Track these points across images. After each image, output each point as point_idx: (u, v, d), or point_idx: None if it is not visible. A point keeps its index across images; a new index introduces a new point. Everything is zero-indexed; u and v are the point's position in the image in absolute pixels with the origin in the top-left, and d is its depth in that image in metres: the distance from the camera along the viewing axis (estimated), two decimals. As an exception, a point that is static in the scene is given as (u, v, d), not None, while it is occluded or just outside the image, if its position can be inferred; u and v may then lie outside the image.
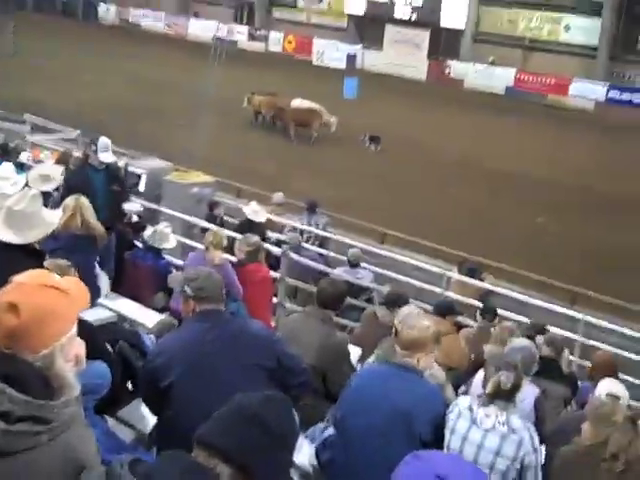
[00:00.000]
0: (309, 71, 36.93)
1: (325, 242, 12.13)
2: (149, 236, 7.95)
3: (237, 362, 3.88)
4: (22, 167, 10.00)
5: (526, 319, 8.55)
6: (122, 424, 4.25)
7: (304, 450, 4.23)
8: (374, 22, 40.16)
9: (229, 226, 10.71)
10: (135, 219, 9.35)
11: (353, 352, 5.61)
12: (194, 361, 3.88)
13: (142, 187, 11.96)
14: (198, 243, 8.98)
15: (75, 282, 2.33)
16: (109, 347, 4.29)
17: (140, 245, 8.25)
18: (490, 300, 9.37)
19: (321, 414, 4.71)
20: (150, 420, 4.22)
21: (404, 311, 5.63)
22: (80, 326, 2.25)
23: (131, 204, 8.75)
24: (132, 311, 6.20)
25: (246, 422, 2.17)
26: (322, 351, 5.05)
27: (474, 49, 38.14)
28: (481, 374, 4.92)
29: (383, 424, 4.01)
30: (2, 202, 4.11)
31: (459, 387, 5.80)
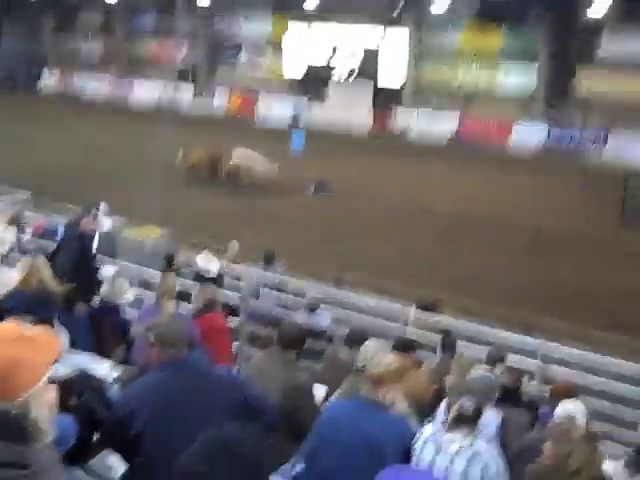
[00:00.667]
0: (254, 129, 37.13)
1: (282, 288, 12.18)
2: (106, 292, 7.91)
3: (204, 406, 3.90)
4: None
5: (485, 348, 8.66)
6: (90, 474, 4.22)
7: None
8: (316, 80, 40.92)
9: (186, 277, 10.71)
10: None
11: (317, 392, 5.65)
12: (161, 407, 3.90)
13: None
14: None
15: (45, 332, 2.37)
16: (75, 400, 4.27)
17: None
18: (449, 334, 9.48)
19: (289, 453, 4.73)
20: (118, 469, 4.19)
21: (368, 347, 5.73)
22: None
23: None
24: (94, 365, 6.16)
25: (223, 451, 2.22)
26: (286, 392, 5.09)
27: (415, 101, 38.84)
28: (444, 403, 5.02)
29: (353, 457, 4.05)
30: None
31: (424, 420, 5.86)
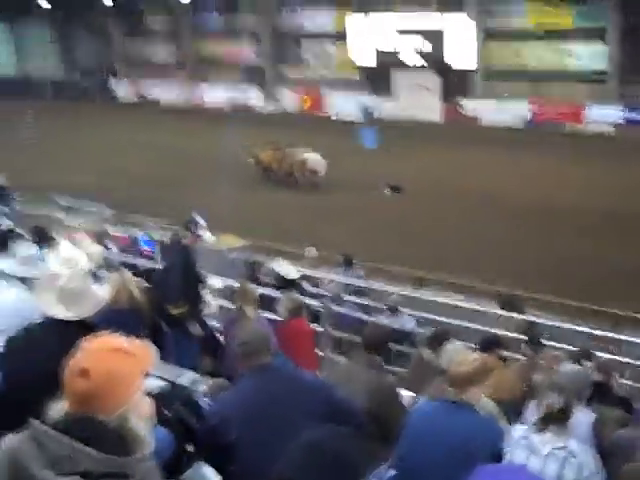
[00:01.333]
0: (327, 126, 37.41)
1: (363, 292, 12.23)
2: None
3: (294, 412, 3.94)
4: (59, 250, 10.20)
5: (571, 346, 8.51)
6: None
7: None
8: (384, 71, 40.67)
9: (267, 285, 10.83)
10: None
11: (405, 397, 5.64)
12: (252, 416, 3.97)
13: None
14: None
15: (141, 344, 2.45)
16: (167, 413, 4.37)
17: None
18: (534, 331, 9.35)
19: (379, 456, 4.73)
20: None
21: (449, 349, 5.70)
22: None
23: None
24: (183, 378, 6.29)
25: (319, 457, 2.25)
26: (373, 394, 5.09)
27: (485, 86, 38.45)
28: (533, 403, 4.94)
29: (443, 460, 4.03)
30: (54, 281, 4.26)
31: (514, 419, 5.79)
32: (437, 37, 38.01)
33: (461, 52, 37.73)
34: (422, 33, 38.64)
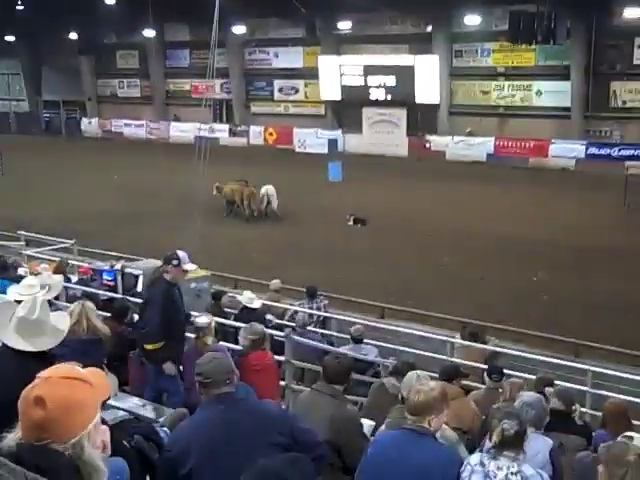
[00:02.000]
0: (292, 159, 37.65)
1: (327, 323, 12.27)
2: None
3: (254, 442, 3.93)
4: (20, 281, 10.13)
5: (533, 376, 8.58)
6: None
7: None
8: (351, 106, 41.09)
9: (229, 316, 10.82)
10: (137, 318, 9.43)
11: (365, 425, 5.66)
12: (210, 445, 3.95)
13: (140, 287, 12.09)
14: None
15: (97, 372, 2.45)
16: (125, 443, 4.34)
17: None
18: (495, 361, 9.43)
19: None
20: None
21: (408, 378, 5.73)
22: None
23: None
24: (142, 408, 6.25)
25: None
26: (335, 425, 5.10)
27: (450, 121, 39.06)
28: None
29: (403, 488, 4.05)
30: (11, 310, 4.22)
31: (474, 449, 5.82)
32: (404, 74, 38.58)
33: (427, 89, 38.33)
34: (389, 69, 39.20)
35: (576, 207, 24.92)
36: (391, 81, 39.20)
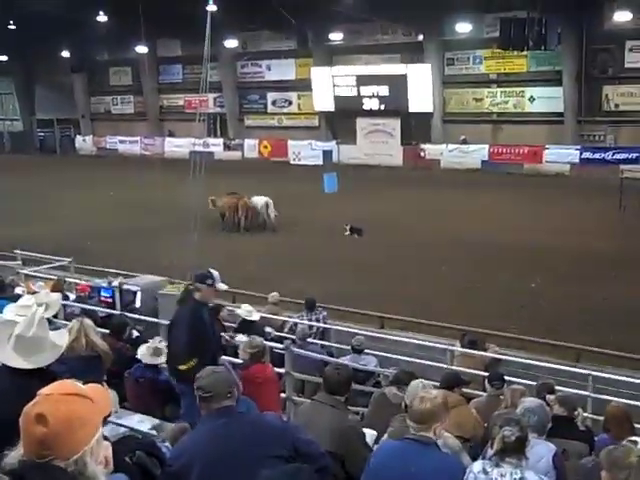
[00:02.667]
0: (287, 172, 37.68)
1: (326, 334, 12.26)
2: (143, 354, 7.99)
3: (255, 455, 3.92)
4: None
5: (534, 382, 8.57)
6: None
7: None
8: (344, 116, 41.17)
9: (228, 329, 10.81)
10: (136, 334, 9.43)
11: (368, 434, 5.64)
12: (212, 459, 3.94)
13: (138, 303, 12.09)
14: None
15: (98, 388, 2.45)
16: (127, 459, 4.32)
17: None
18: (496, 368, 9.42)
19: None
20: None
21: (412, 386, 5.73)
22: None
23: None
24: (143, 424, 6.23)
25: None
26: (337, 435, 5.09)
27: (444, 129, 39.18)
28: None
29: (406, 498, 4.03)
30: (9, 329, 4.21)
31: (476, 457, 5.80)
32: (397, 83, 38.70)
33: (420, 97, 38.44)
34: (382, 79, 39.29)
35: (572, 212, 24.97)
36: (384, 91, 39.33)
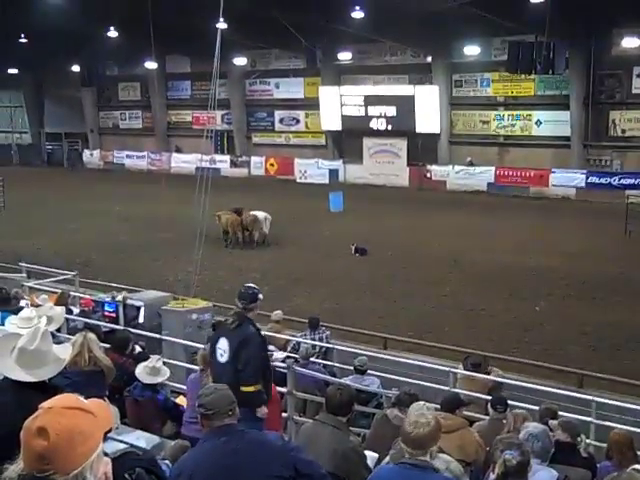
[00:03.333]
0: (293, 190, 37.76)
1: (329, 354, 12.21)
2: (140, 374, 7.96)
3: (256, 473, 3.91)
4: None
5: (536, 407, 8.52)
6: None
7: None
8: (351, 136, 41.29)
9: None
10: (138, 350, 9.41)
11: (369, 457, 5.61)
12: (213, 476, 3.92)
13: (141, 318, 12.08)
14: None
15: (100, 403, 2.44)
16: (126, 476, 4.30)
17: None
18: (499, 392, 9.37)
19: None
20: None
21: (413, 409, 5.69)
22: None
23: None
24: (143, 441, 6.21)
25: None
26: (338, 456, 5.06)
27: (451, 151, 39.26)
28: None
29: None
30: (12, 342, 4.20)
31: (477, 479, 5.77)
32: (405, 104, 38.78)
33: (428, 119, 38.51)
34: (390, 99, 39.42)
35: (577, 236, 24.95)
36: (391, 111, 39.43)
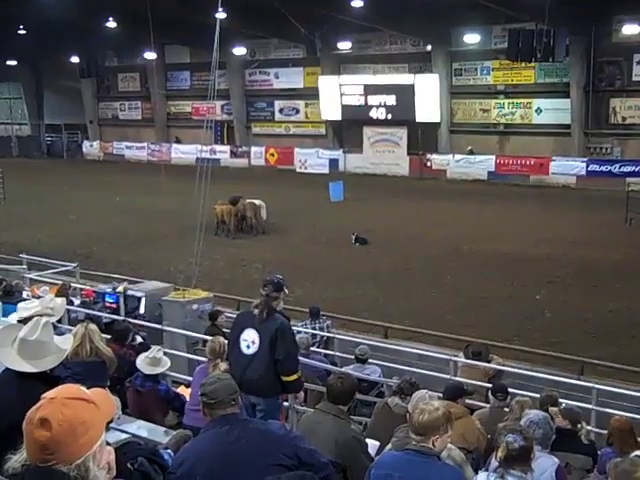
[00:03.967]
0: (293, 180, 37.71)
1: (330, 343, 12.23)
2: (141, 364, 7.98)
3: (258, 462, 3.91)
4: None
5: (537, 395, 8.54)
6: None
7: None
8: (351, 125, 41.20)
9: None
10: (139, 341, 9.42)
11: (370, 444, 5.62)
12: (215, 465, 3.93)
13: (142, 309, 12.09)
14: (202, 357, 9.04)
15: (102, 393, 2.44)
16: (129, 465, 4.31)
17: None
18: (500, 380, 9.39)
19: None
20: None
21: (414, 397, 5.72)
22: None
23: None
24: (145, 431, 6.23)
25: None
26: (339, 445, 5.07)
27: (451, 140, 39.18)
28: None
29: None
30: (13, 333, 4.21)
31: (480, 468, 5.78)
32: (405, 93, 38.65)
33: (428, 107, 38.39)
34: (389, 88, 39.29)
35: (578, 224, 24.93)
36: (391, 100, 39.32)
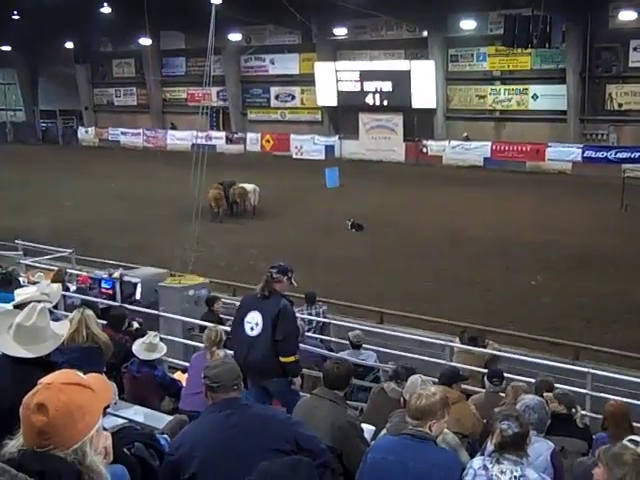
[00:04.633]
0: (289, 166, 37.66)
1: (325, 329, 12.25)
2: (137, 350, 7.99)
3: (257, 446, 3.93)
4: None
5: (532, 380, 8.57)
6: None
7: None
8: (347, 112, 41.12)
9: (228, 323, 10.79)
10: (136, 326, 9.42)
11: (366, 429, 5.65)
12: (215, 449, 3.95)
13: (138, 295, 12.09)
14: (199, 343, 9.06)
15: (98, 378, 2.44)
16: (125, 450, 4.32)
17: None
18: (495, 365, 9.42)
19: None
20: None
21: (410, 382, 5.73)
22: None
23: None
24: (142, 416, 6.24)
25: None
26: (335, 430, 5.09)
27: (447, 126, 39.14)
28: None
29: (403, 494, 4.04)
30: (9, 319, 4.21)
31: (475, 453, 5.80)
32: (401, 79, 38.55)
33: (424, 94, 38.31)
34: (385, 75, 39.19)
35: (574, 210, 24.96)
36: (387, 86, 39.23)
